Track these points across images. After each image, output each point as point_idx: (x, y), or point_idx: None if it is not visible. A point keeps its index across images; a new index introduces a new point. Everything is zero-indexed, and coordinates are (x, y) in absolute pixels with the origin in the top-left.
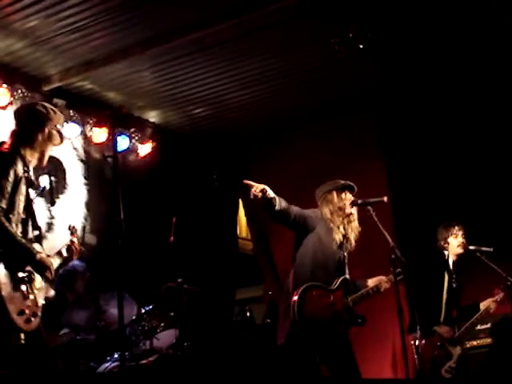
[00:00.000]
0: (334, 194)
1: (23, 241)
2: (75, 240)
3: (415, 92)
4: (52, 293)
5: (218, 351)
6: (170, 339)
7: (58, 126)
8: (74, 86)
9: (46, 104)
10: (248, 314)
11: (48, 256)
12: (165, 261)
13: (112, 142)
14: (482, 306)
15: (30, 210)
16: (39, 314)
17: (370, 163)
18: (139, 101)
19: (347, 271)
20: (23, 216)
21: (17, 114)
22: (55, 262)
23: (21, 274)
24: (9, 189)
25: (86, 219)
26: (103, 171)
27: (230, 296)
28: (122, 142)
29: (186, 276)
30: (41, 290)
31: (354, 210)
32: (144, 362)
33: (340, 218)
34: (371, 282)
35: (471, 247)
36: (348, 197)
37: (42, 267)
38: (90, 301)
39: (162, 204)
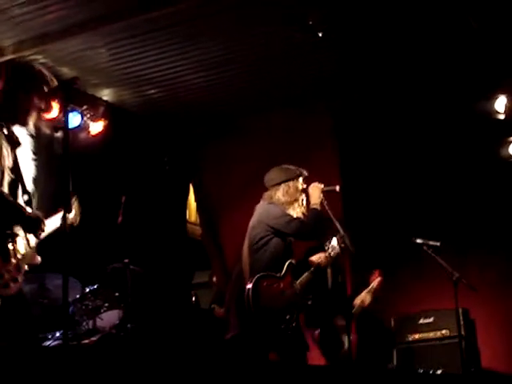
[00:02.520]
0: (291, 183)
1: (11, 198)
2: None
3: (371, 83)
4: (39, 259)
5: (161, 334)
6: (114, 320)
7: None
8: (28, 60)
9: None
10: (194, 299)
11: None
12: (112, 241)
13: (63, 116)
14: (357, 299)
15: (18, 172)
16: (20, 279)
17: (322, 152)
18: (93, 78)
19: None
20: (11, 177)
21: None
22: (49, 225)
23: (5, 235)
24: None
25: (33, 195)
26: (53, 147)
27: (179, 279)
28: (74, 119)
29: (132, 257)
30: (26, 256)
31: (305, 196)
32: (86, 341)
33: (295, 206)
34: (312, 260)
35: (418, 240)
36: (302, 185)
37: (33, 223)
38: (34, 278)
39: (112, 183)
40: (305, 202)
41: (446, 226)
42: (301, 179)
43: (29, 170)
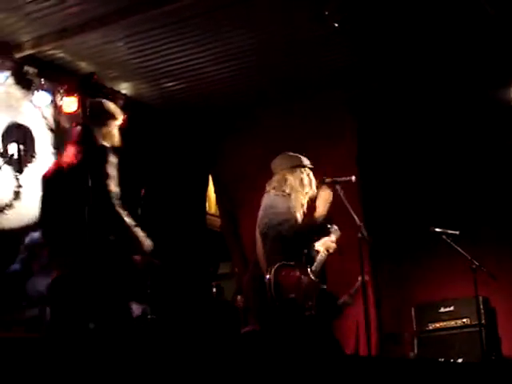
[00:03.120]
0: (299, 170)
1: None
2: None
3: (388, 72)
4: None
5: (181, 326)
6: (135, 312)
7: None
8: (46, 54)
9: None
10: (214, 291)
11: None
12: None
13: (82, 110)
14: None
15: None
16: None
17: (340, 142)
18: (112, 72)
19: None
20: None
21: None
22: None
23: None
24: None
25: None
26: None
27: (199, 271)
28: None
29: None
30: None
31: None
32: None
33: (298, 196)
34: (319, 246)
35: (437, 229)
36: (308, 176)
37: None
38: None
39: (131, 176)
40: (308, 194)
41: (465, 215)
42: (306, 170)
43: (49, 165)
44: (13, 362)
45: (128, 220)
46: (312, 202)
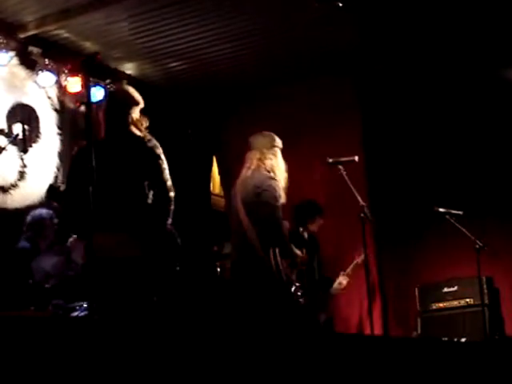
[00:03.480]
0: (279, 151)
1: None
2: None
3: (394, 52)
4: None
5: (186, 306)
6: None
7: None
8: (51, 35)
9: None
10: (219, 270)
11: None
12: None
13: (86, 90)
14: (336, 282)
15: None
16: None
17: (345, 122)
18: (116, 52)
19: None
20: None
21: None
22: None
23: None
24: None
25: (58, 169)
26: (77, 121)
27: (205, 251)
28: (97, 93)
29: None
30: None
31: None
32: None
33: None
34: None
35: (441, 209)
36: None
37: None
38: (61, 249)
39: None
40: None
41: (468, 195)
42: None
43: (53, 145)
44: (22, 341)
45: None
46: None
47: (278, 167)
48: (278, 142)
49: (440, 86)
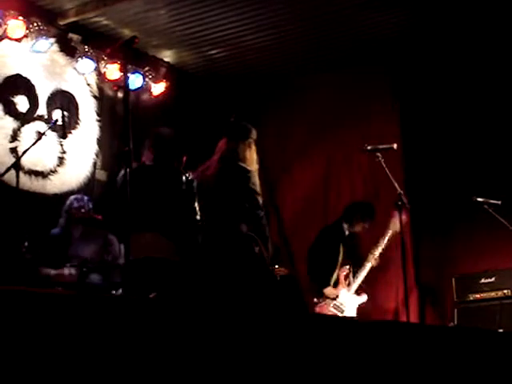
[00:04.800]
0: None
1: None
2: None
3: (431, 41)
4: None
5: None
6: None
7: None
8: (90, 22)
9: None
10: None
11: None
12: None
13: (124, 76)
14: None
15: None
16: None
17: (383, 111)
18: (154, 39)
19: None
20: None
21: None
22: None
23: None
24: None
25: (97, 155)
26: (116, 108)
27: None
28: (136, 81)
29: None
30: None
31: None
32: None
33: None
34: None
35: (479, 199)
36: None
37: None
38: (98, 234)
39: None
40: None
41: (507, 185)
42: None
43: (92, 131)
44: (51, 317)
45: None
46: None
47: (250, 159)
48: (253, 134)
49: (479, 75)
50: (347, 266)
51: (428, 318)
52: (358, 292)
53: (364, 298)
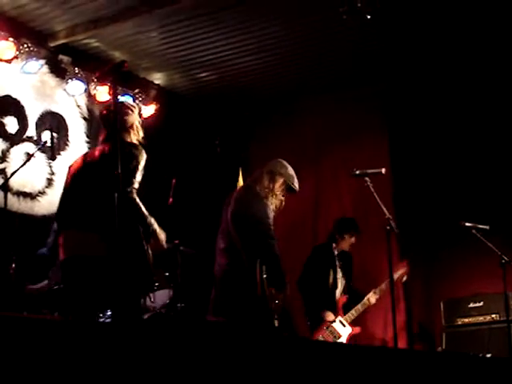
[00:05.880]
0: (281, 181)
1: None
2: None
3: (420, 66)
4: None
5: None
6: (164, 299)
7: None
8: (81, 44)
9: None
10: None
11: None
12: (163, 222)
13: (113, 98)
14: (366, 298)
15: None
16: None
17: (371, 134)
18: (145, 62)
19: None
20: None
21: None
22: None
23: None
24: None
25: None
26: None
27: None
28: None
29: (182, 238)
30: None
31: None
32: None
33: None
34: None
35: (468, 224)
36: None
37: None
38: None
39: (163, 166)
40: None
41: (495, 210)
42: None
43: (82, 153)
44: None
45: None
46: None
47: (272, 193)
48: (285, 171)
49: (467, 100)
50: (345, 295)
51: (416, 343)
52: (352, 323)
53: (357, 330)
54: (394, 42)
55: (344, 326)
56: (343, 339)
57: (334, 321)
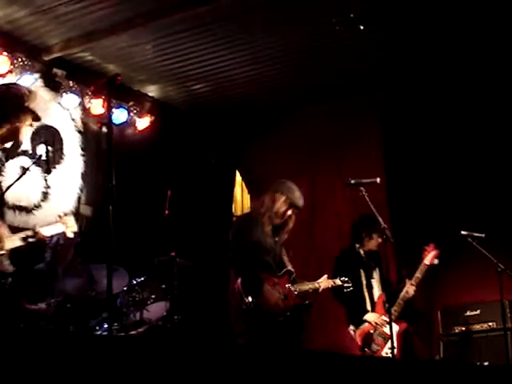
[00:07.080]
0: (283, 199)
1: None
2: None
3: (415, 75)
4: (10, 268)
5: (208, 326)
6: (161, 311)
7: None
8: (75, 57)
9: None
10: None
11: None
12: (159, 234)
13: (108, 111)
14: (404, 291)
15: None
16: None
17: (367, 144)
18: (139, 74)
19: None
20: None
21: None
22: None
23: None
24: None
25: (81, 190)
26: (100, 143)
27: (228, 272)
28: (121, 115)
29: (178, 250)
30: None
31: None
32: (133, 332)
33: (270, 219)
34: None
35: (463, 232)
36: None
37: None
38: (82, 270)
39: (159, 177)
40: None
41: (491, 218)
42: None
43: (77, 166)
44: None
45: None
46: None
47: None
48: (284, 190)
49: (463, 109)
50: (383, 294)
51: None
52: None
53: (404, 326)
54: (388, 52)
55: (390, 325)
56: (393, 338)
57: (378, 322)
